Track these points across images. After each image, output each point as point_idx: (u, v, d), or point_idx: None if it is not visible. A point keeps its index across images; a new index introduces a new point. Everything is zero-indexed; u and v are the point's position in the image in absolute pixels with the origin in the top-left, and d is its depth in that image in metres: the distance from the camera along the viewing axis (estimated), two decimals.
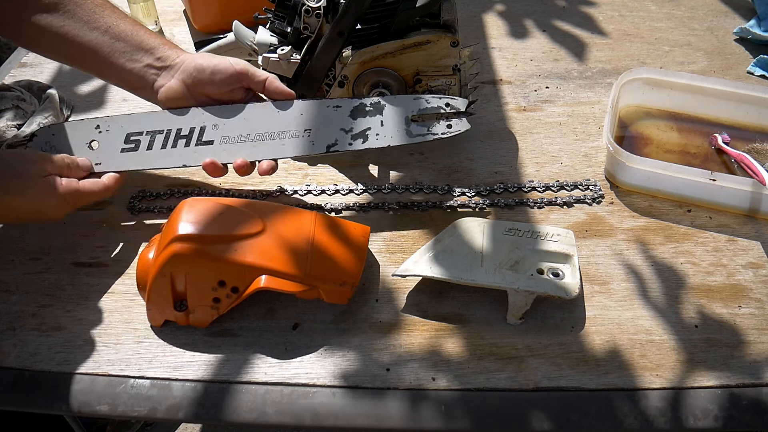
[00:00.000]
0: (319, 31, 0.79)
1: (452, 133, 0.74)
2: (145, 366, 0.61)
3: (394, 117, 0.74)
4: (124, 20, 0.74)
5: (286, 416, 0.58)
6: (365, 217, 0.75)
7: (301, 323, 0.64)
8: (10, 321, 0.65)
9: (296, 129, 0.73)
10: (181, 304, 0.62)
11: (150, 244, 0.65)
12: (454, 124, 0.74)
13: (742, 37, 1.02)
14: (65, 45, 0.72)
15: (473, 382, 0.59)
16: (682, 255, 0.70)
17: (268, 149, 0.73)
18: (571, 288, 0.62)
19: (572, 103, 0.91)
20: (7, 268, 0.70)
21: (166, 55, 0.73)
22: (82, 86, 0.97)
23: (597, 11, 1.11)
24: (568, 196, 0.76)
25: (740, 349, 0.61)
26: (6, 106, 0.82)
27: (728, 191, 0.72)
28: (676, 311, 0.64)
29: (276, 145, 0.73)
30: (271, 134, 0.73)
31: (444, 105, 0.74)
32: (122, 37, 0.72)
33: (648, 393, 0.58)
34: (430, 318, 0.65)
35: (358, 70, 0.80)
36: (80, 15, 0.72)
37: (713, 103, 0.83)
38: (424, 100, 0.74)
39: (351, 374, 0.60)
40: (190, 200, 0.64)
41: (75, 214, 0.76)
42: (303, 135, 0.73)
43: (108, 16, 0.73)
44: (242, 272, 0.60)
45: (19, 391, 0.60)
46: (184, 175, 0.81)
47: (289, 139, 0.73)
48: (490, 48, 1.03)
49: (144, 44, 0.73)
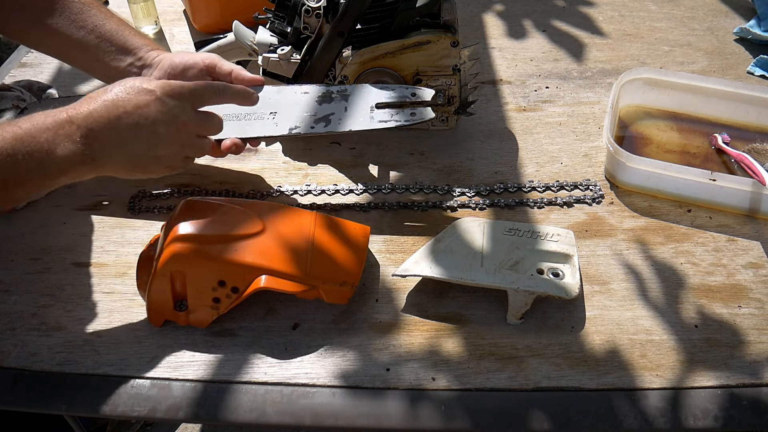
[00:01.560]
0: (319, 31, 0.79)
1: (415, 122, 0.75)
2: (145, 366, 0.61)
3: (358, 104, 0.76)
4: (110, 19, 0.76)
5: (286, 416, 0.58)
6: (365, 217, 0.75)
7: (301, 323, 0.64)
8: (10, 321, 0.65)
9: (262, 111, 0.75)
10: (181, 304, 0.62)
11: (150, 244, 0.65)
12: (418, 113, 0.75)
13: (742, 37, 1.02)
14: (54, 42, 0.76)
15: (473, 382, 0.59)
16: (682, 255, 0.70)
17: (233, 129, 0.75)
18: (571, 288, 0.62)
19: (572, 103, 0.91)
20: (7, 268, 0.70)
21: (147, 55, 0.76)
22: (82, 86, 0.97)
23: (597, 11, 1.11)
24: (568, 196, 0.76)
25: (740, 349, 0.61)
26: (6, 106, 0.81)
27: (728, 191, 0.72)
28: (676, 311, 0.64)
29: (242, 125, 0.75)
30: (237, 115, 0.75)
31: (410, 95, 0.75)
32: (107, 36, 0.75)
33: (648, 393, 0.58)
34: (430, 318, 0.65)
35: (358, 70, 0.80)
36: (68, 14, 0.74)
37: (713, 103, 0.83)
38: (390, 89, 0.76)
39: (351, 374, 0.60)
40: (190, 200, 0.64)
41: (75, 214, 0.76)
42: (268, 117, 0.75)
43: (95, 15, 0.75)
44: (242, 272, 0.60)
45: (19, 391, 0.60)
46: (184, 175, 0.81)
47: (254, 120, 0.75)
48: (490, 48, 1.03)
49: (128, 44, 0.76)
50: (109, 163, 0.63)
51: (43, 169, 0.59)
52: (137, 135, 0.62)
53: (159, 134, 0.63)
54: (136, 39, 0.76)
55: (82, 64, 0.78)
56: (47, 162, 0.59)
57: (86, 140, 0.60)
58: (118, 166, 0.64)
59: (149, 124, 0.62)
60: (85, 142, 0.60)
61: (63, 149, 0.59)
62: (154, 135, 0.63)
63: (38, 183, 0.62)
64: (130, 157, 0.64)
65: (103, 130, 0.61)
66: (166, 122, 0.63)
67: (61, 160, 0.60)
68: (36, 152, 0.59)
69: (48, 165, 0.59)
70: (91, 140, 0.61)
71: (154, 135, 0.63)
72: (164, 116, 0.63)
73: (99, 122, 0.61)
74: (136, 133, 0.62)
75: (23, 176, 0.59)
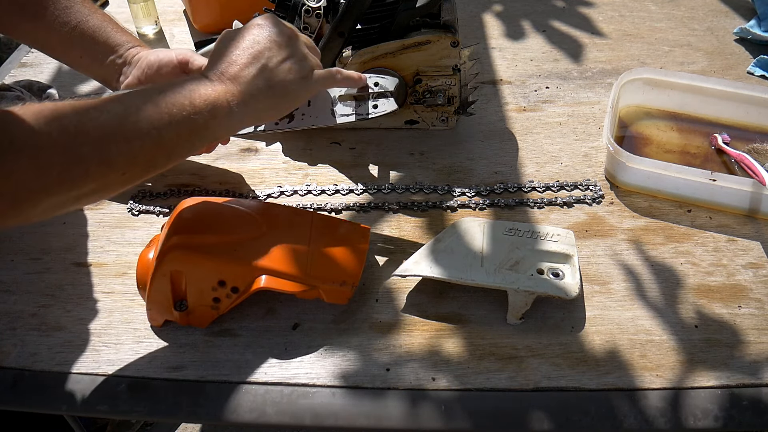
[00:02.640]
0: (319, 31, 0.79)
1: (378, 113, 0.75)
2: (145, 366, 0.61)
3: (322, 97, 0.76)
4: (94, 15, 0.76)
5: (286, 416, 0.58)
6: (365, 217, 0.75)
7: (301, 323, 0.64)
8: (10, 321, 0.65)
9: None
10: (181, 304, 0.62)
11: (150, 244, 0.65)
12: (380, 104, 0.75)
13: (742, 37, 1.02)
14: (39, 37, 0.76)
15: (473, 382, 0.59)
16: (682, 255, 0.70)
17: None
18: (571, 288, 0.62)
19: (572, 103, 0.91)
20: (7, 268, 0.70)
21: (128, 53, 0.76)
22: (82, 86, 0.97)
23: (597, 11, 1.11)
24: (568, 196, 0.76)
25: (740, 349, 0.61)
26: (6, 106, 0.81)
27: (728, 191, 0.72)
28: (676, 311, 0.64)
29: None
30: None
31: (373, 84, 0.75)
32: (90, 33, 0.75)
33: (648, 393, 0.58)
34: (430, 318, 0.65)
35: (358, 70, 0.80)
36: (53, 9, 0.74)
37: (713, 103, 0.83)
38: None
39: (351, 374, 0.60)
40: (190, 200, 0.64)
41: (75, 214, 0.76)
42: None
43: (79, 11, 0.75)
44: (242, 272, 0.60)
45: (19, 391, 0.60)
46: (184, 175, 0.81)
47: None
48: (490, 48, 1.03)
49: (110, 41, 0.76)
50: (248, 89, 0.60)
51: (193, 107, 0.56)
52: (259, 44, 0.62)
53: (278, 36, 0.63)
54: (119, 36, 0.77)
55: (67, 60, 0.79)
56: (195, 99, 0.56)
57: (220, 78, 0.60)
58: (257, 99, 0.61)
59: (266, 35, 0.63)
60: (220, 78, 0.59)
61: (204, 88, 0.58)
62: (274, 36, 0.63)
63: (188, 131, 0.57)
64: (262, 71, 0.61)
65: (227, 62, 0.61)
66: (277, 26, 0.64)
67: (205, 96, 0.57)
68: (179, 98, 0.56)
69: (196, 102, 0.56)
70: (223, 77, 0.60)
71: (274, 36, 0.63)
72: (273, 25, 0.64)
73: (218, 58, 0.61)
74: (257, 43, 0.62)
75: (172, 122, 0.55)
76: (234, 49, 0.62)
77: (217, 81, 0.59)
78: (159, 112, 0.54)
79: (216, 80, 0.59)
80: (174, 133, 0.55)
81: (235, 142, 0.86)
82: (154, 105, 0.54)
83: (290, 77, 0.63)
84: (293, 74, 0.63)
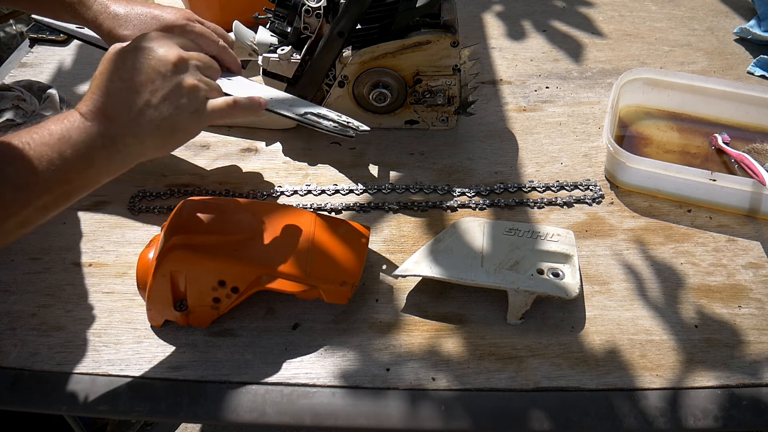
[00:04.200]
0: (319, 31, 0.79)
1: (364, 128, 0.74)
2: (145, 366, 0.61)
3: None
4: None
5: (286, 416, 0.58)
6: (365, 217, 0.75)
7: (301, 323, 0.64)
8: (10, 321, 0.65)
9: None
10: (181, 304, 0.62)
11: (150, 244, 0.65)
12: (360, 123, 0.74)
13: (742, 37, 1.02)
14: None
15: (473, 382, 0.59)
16: (682, 255, 0.70)
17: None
18: (571, 288, 0.62)
19: (572, 103, 0.91)
20: (7, 268, 0.70)
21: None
22: (82, 86, 0.97)
23: (597, 11, 1.11)
24: (568, 196, 0.76)
25: (740, 349, 0.61)
26: (6, 106, 0.81)
27: (728, 191, 0.72)
28: (675, 311, 0.64)
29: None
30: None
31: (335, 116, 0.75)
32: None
33: (648, 393, 0.58)
34: (430, 318, 0.65)
35: (358, 70, 0.80)
36: None
37: (713, 103, 0.83)
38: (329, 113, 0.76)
39: (351, 374, 0.60)
40: (190, 200, 0.64)
41: (75, 214, 0.76)
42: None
43: None
44: (242, 272, 0.60)
45: (19, 391, 0.60)
46: (184, 175, 0.81)
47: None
48: (490, 48, 1.03)
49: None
50: (130, 130, 0.56)
51: (65, 162, 0.53)
52: (141, 74, 0.57)
53: (162, 65, 0.57)
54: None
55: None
56: (65, 151, 0.53)
57: (98, 117, 0.55)
58: (140, 139, 0.57)
59: (150, 63, 0.57)
60: (98, 118, 0.55)
61: (78, 134, 0.54)
62: (158, 66, 0.57)
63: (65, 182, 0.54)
64: (145, 108, 0.56)
65: (105, 96, 0.56)
66: (162, 49, 0.58)
67: (78, 144, 0.54)
68: (47, 151, 0.53)
69: (68, 155, 0.53)
70: (102, 116, 0.55)
71: (158, 66, 0.57)
72: (158, 47, 0.58)
73: (97, 89, 0.56)
74: (139, 73, 0.57)
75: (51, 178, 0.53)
76: (114, 79, 0.57)
77: (94, 122, 0.55)
78: (28, 167, 0.51)
79: (92, 121, 0.55)
80: (43, 189, 0.52)
81: (235, 142, 0.86)
82: (22, 160, 0.51)
83: (177, 113, 0.58)
84: (181, 110, 0.58)
